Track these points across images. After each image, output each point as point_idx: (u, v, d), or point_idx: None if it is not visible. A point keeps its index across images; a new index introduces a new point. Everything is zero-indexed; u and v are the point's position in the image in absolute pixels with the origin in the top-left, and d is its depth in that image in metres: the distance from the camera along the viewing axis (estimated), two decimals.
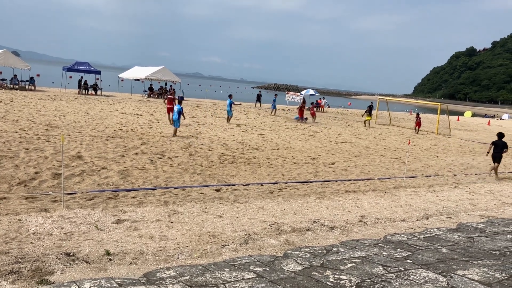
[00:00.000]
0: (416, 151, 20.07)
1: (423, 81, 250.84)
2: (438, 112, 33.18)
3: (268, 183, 10.86)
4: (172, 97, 22.08)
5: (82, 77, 38.30)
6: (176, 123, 17.24)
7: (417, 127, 30.30)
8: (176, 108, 17.42)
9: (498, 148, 14.60)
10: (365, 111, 31.64)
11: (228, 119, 24.03)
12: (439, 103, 35.90)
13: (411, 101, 69.51)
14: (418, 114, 31.91)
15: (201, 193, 9.38)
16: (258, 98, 42.77)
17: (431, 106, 60.59)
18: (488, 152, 15.09)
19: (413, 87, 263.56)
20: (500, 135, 14.86)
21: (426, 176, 13.86)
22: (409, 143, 13.81)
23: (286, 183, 11.06)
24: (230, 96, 25.01)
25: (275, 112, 33.61)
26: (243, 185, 10.45)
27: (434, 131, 31.38)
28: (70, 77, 40.67)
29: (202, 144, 15.66)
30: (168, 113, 20.93)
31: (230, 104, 23.98)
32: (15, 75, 36.02)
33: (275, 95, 36.95)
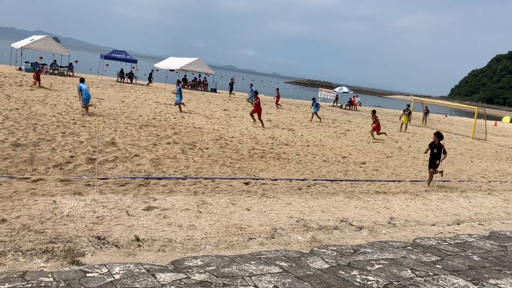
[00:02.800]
0: (450, 154, 19.59)
1: (461, 83, 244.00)
2: (475, 116, 32.30)
3: (296, 179, 10.83)
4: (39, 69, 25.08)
5: (122, 69, 39.33)
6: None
7: (373, 132, 21.47)
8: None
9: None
10: (403, 113, 28.65)
11: (176, 105, 22.01)
12: (476, 107, 34.92)
13: (447, 103, 68.04)
14: (374, 112, 22.59)
15: (230, 185, 9.44)
16: (231, 86, 41.38)
17: (468, 110, 59.08)
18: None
19: (449, 89, 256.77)
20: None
21: (459, 181, 13.53)
22: (443, 146, 13.47)
23: (315, 180, 11.01)
24: (178, 82, 24.02)
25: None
26: (272, 179, 10.46)
27: (470, 135, 30.56)
28: (107, 64, 41.53)
29: (232, 137, 15.73)
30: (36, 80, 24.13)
31: (179, 90, 22.14)
32: (55, 61, 37.04)
33: (251, 85, 35.94)
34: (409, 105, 29.90)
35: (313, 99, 28.30)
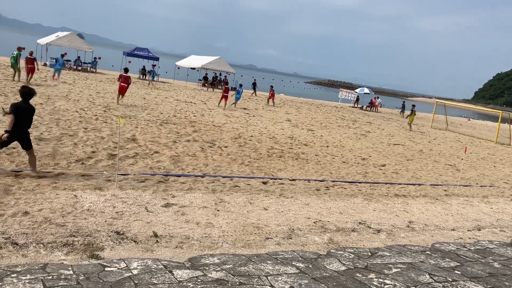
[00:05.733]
0: (472, 159, 19.28)
1: (485, 86, 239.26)
2: (499, 120, 31.67)
3: (315, 180, 10.79)
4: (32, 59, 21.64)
5: (144, 66, 39.81)
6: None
7: (271, 99, 31.10)
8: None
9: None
10: (411, 113, 29.19)
11: (53, 77, 22.18)
12: (501, 111, 34.26)
13: (470, 107, 66.83)
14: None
15: (248, 184, 9.46)
16: (254, 86, 41.27)
17: (492, 114, 57.97)
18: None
19: (473, 92, 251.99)
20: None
21: (481, 186, 13.30)
22: (465, 151, 13.25)
23: (333, 181, 10.95)
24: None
25: (150, 83, 31.49)
26: (290, 180, 10.44)
27: (493, 139, 29.99)
28: (129, 62, 41.97)
29: (251, 136, 15.75)
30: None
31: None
32: (79, 57, 37.61)
33: (154, 65, 37.01)
34: (414, 105, 30.65)
35: (240, 85, 29.37)
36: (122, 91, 18.93)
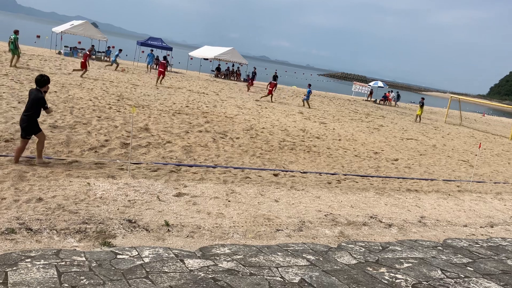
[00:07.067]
0: (486, 155, 19.06)
1: (501, 82, 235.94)
2: None
3: (326, 173, 10.75)
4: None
5: (157, 56, 39.79)
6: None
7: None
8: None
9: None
10: (421, 105, 30.61)
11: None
12: None
13: (485, 103, 66.02)
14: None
15: (259, 175, 9.46)
16: (274, 79, 41.68)
17: (507, 110, 57.20)
18: None
19: (488, 87, 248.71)
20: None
21: (495, 183, 13.15)
22: (479, 147, 13.10)
23: (345, 175, 10.90)
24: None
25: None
26: (301, 172, 10.42)
27: (508, 136, 29.59)
28: (143, 51, 42.05)
29: (263, 128, 15.73)
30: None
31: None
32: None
33: (151, 50, 37.87)
34: (423, 98, 32.89)
35: (309, 85, 29.61)
36: (160, 74, 24.61)
